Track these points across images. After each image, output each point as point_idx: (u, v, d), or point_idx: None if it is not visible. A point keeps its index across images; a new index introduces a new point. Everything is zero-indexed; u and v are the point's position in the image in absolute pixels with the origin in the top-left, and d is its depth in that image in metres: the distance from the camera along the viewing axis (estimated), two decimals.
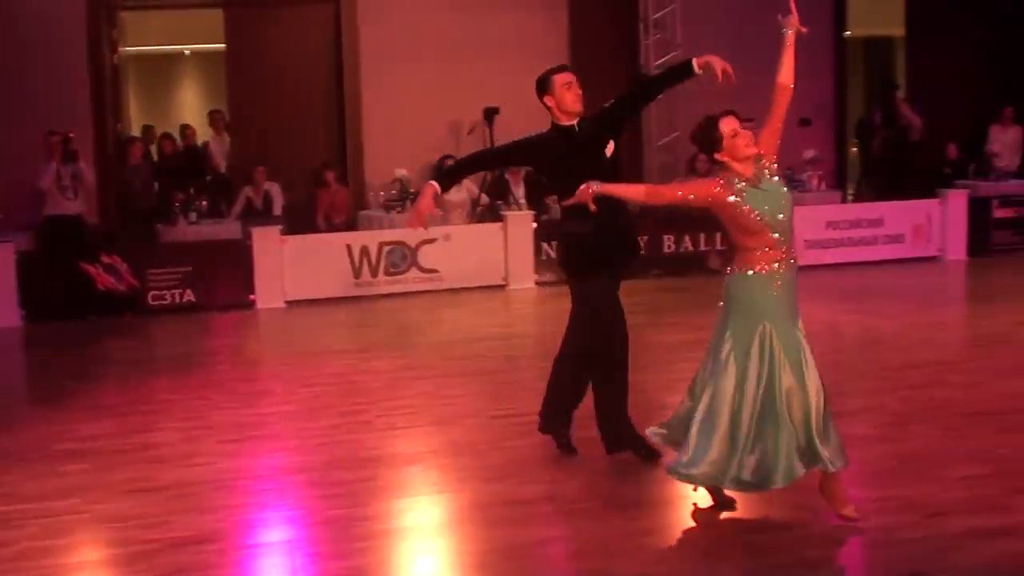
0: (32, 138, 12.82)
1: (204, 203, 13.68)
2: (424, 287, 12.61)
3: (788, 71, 5.46)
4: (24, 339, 11.26)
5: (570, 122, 6.22)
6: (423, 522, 5.78)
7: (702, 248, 13.43)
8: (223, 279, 12.22)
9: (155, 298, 12.03)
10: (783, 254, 5.31)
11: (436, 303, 12.19)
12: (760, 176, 5.30)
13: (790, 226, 5.34)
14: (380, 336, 10.79)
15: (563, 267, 6.53)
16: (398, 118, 14.47)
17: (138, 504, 5.98)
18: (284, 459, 6.78)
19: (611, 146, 6.20)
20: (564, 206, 6.00)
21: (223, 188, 14.47)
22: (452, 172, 6.66)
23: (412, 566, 5.28)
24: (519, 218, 13.13)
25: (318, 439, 7.14)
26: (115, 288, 11.89)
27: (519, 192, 13.81)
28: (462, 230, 13.12)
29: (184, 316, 11.83)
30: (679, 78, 6.22)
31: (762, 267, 5.29)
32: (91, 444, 7.15)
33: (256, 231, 12.32)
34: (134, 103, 17.98)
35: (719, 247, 13.24)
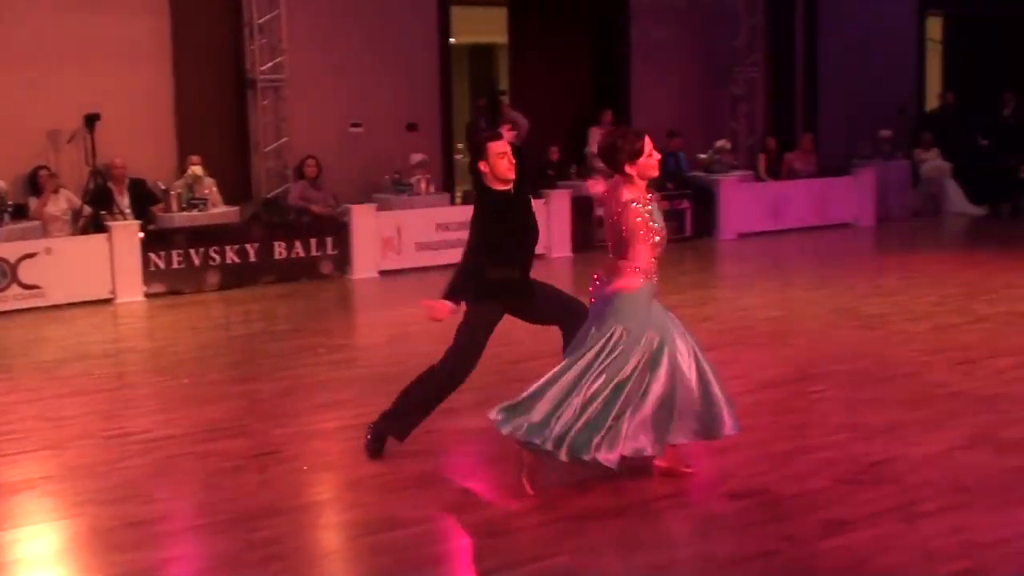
0: None
1: None
2: (26, 304, 11.86)
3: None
4: None
5: (504, 187, 6.37)
6: (39, 552, 5.48)
7: (313, 254, 13.50)
8: None
9: None
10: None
11: (39, 321, 11.51)
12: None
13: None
14: None
15: (460, 291, 6.44)
16: None
17: None
18: None
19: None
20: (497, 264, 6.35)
21: None
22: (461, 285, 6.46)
23: None
24: (125, 228, 12.62)
25: None
26: None
27: (123, 201, 13.29)
28: (64, 243, 12.45)
29: None
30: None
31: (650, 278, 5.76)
32: None
33: None
34: None
35: (330, 251, 13.43)
